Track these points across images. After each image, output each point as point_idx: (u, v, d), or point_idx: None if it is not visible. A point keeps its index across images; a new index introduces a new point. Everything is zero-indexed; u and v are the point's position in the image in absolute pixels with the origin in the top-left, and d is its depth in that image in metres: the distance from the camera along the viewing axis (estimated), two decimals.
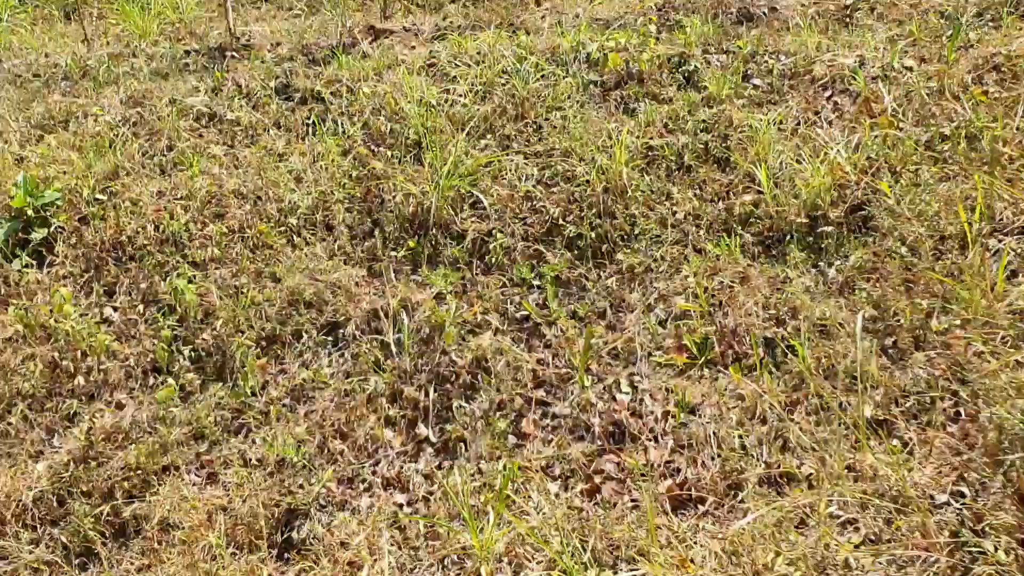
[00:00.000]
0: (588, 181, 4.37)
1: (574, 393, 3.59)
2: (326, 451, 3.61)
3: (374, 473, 3.53)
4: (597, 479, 3.23)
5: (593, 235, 4.23)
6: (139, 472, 3.55)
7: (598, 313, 3.96)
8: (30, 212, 4.43)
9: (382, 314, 4.04)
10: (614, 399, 3.51)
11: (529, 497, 3.16)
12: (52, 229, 4.43)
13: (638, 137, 4.58)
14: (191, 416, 3.74)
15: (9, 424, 3.81)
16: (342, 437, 3.65)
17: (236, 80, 5.43)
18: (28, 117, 5.18)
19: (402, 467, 3.54)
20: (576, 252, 4.23)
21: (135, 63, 5.73)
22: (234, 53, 5.93)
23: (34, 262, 4.36)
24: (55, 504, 3.51)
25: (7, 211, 4.47)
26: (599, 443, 3.38)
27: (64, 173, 4.68)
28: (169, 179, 4.77)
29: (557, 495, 3.17)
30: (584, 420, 3.47)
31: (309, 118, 5.10)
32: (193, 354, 4.00)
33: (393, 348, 3.92)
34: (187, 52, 5.97)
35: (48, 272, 4.34)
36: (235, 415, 3.78)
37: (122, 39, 6.81)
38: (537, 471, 3.30)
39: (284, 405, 3.81)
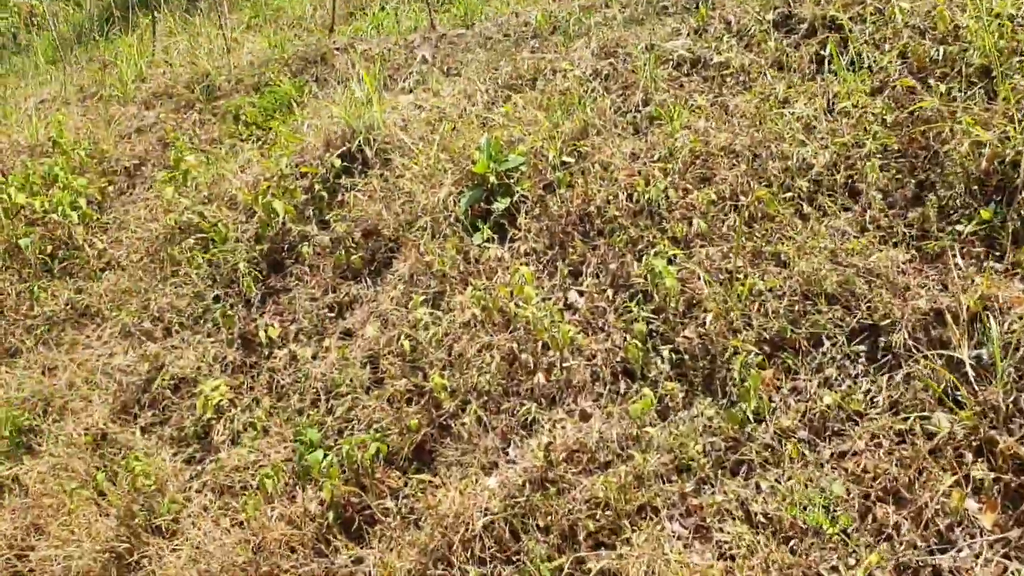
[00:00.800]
0: None
1: None
2: (871, 519, 2.41)
3: (954, 570, 2.24)
4: None
5: None
6: (607, 510, 2.68)
7: None
8: (492, 179, 3.86)
9: (948, 317, 2.71)
10: None
11: None
12: (515, 198, 3.81)
13: None
14: (673, 440, 2.80)
15: (462, 424, 3.22)
16: (896, 502, 2.42)
17: (724, 17, 4.40)
18: (495, 78, 4.69)
19: (1005, 565, 2.20)
20: None
21: (608, 12, 5.00)
22: None
23: (495, 236, 3.77)
24: (507, 536, 2.80)
25: (469, 178, 3.95)
26: None
27: (529, 135, 4.05)
28: (644, 138, 3.90)
29: None
30: None
31: (820, 52, 3.89)
32: (674, 356, 3.06)
33: (970, 371, 2.58)
34: None
35: (509, 248, 3.72)
36: (731, 446, 2.75)
37: None
38: None
39: (800, 440, 2.68)
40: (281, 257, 4.27)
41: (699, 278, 3.20)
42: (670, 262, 3.28)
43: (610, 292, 3.39)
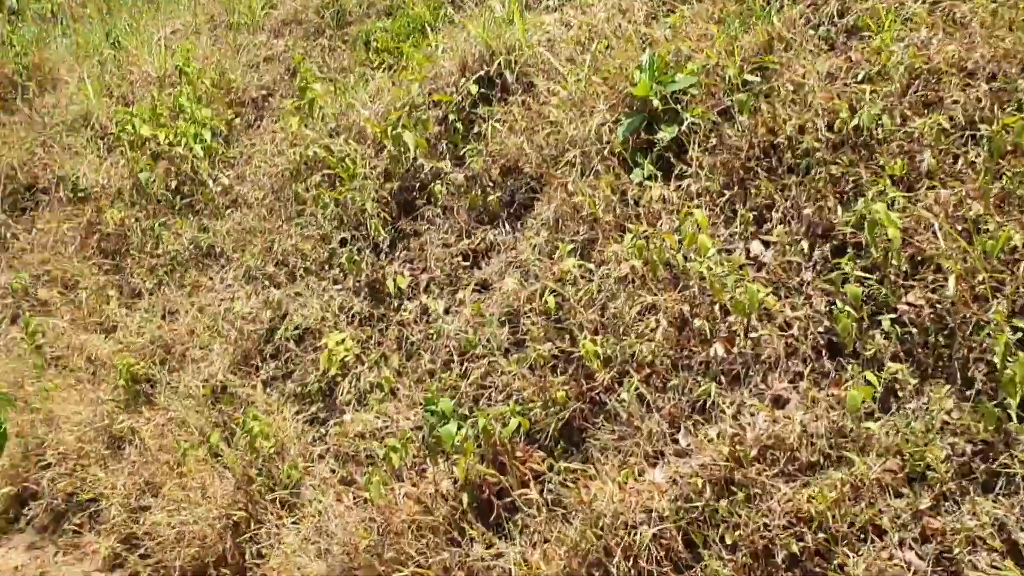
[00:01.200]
0: None
1: None
2: None
3: None
4: None
5: None
6: (817, 528, 2.10)
7: None
8: (656, 103, 3.24)
9: None
10: None
11: None
12: (684, 126, 3.18)
13: None
14: (902, 440, 2.17)
15: (620, 401, 2.69)
16: None
17: None
18: None
19: None
20: None
21: None
22: None
23: (659, 173, 3.16)
24: (680, 547, 2.27)
25: (628, 104, 3.34)
26: None
27: (700, 51, 3.38)
28: (845, 54, 3.17)
29: None
30: None
31: None
32: (897, 329, 2.40)
33: None
34: None
35: (677, 187, 3.11)
36: (981, 451, 2.10)
37: None
38: None
39: None
40: (412, 197, 3.80)
41: (929, 228, 2.50)
42: (891, 206, 2.60)
43: (805, 244, 2.74)
